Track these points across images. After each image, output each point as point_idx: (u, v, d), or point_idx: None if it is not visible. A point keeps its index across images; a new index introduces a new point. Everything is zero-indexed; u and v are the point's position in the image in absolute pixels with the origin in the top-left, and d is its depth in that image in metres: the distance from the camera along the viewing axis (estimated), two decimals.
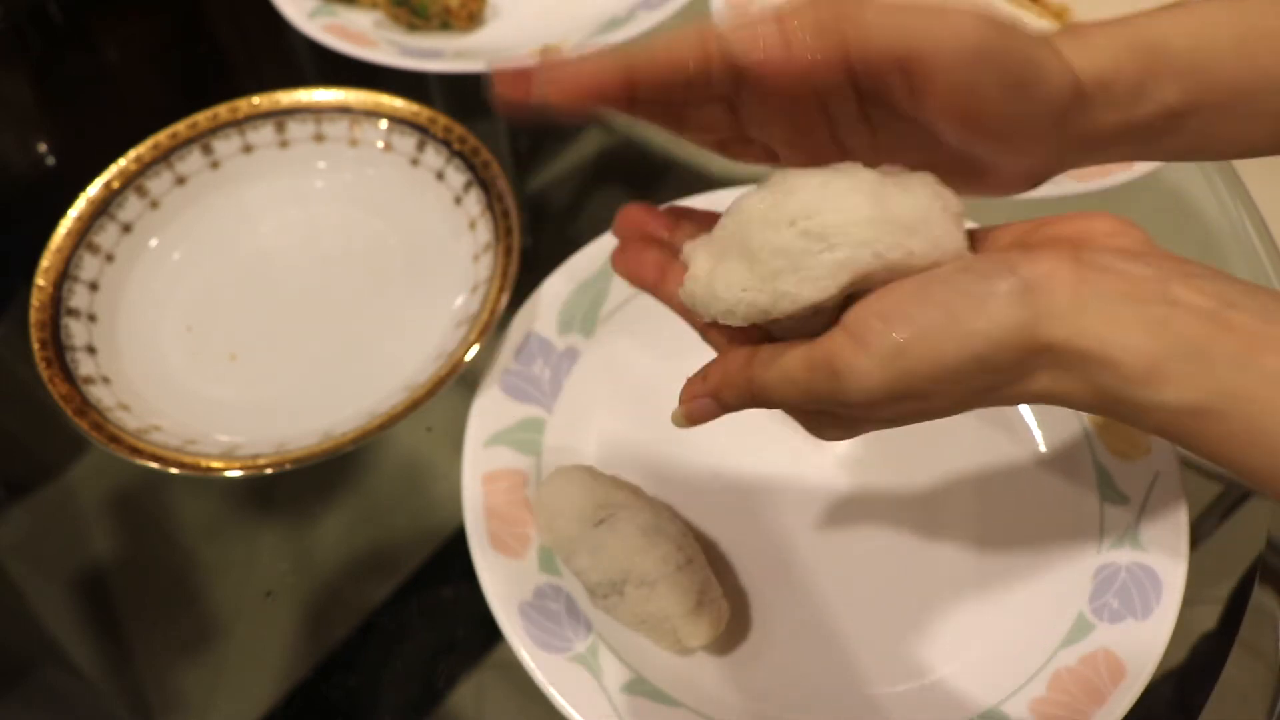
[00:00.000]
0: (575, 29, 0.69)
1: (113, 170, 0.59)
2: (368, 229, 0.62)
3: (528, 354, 0.54)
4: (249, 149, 0.62)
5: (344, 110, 0.62)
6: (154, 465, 0.49)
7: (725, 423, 0.54)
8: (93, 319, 0.56)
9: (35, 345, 0.53)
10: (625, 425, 0.54)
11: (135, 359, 0.56)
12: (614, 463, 0.52)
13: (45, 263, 0.56)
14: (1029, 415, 0.53)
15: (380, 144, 0.62)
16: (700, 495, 0.51)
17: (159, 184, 0.60)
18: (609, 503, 0.46)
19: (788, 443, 0.53)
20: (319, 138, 0.63)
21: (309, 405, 0.54)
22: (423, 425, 0.56)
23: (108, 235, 0.58)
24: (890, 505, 0.51)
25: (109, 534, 0.55)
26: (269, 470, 0.48)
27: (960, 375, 0.29)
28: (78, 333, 0.55)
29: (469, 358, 0.51)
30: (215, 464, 0.49)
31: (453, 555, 0.50)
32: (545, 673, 0.44)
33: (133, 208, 0.59)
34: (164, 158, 0.60)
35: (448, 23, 0.71)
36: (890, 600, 0.48)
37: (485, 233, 0.57)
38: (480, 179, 0.59)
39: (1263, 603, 0.49)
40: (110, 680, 0.52)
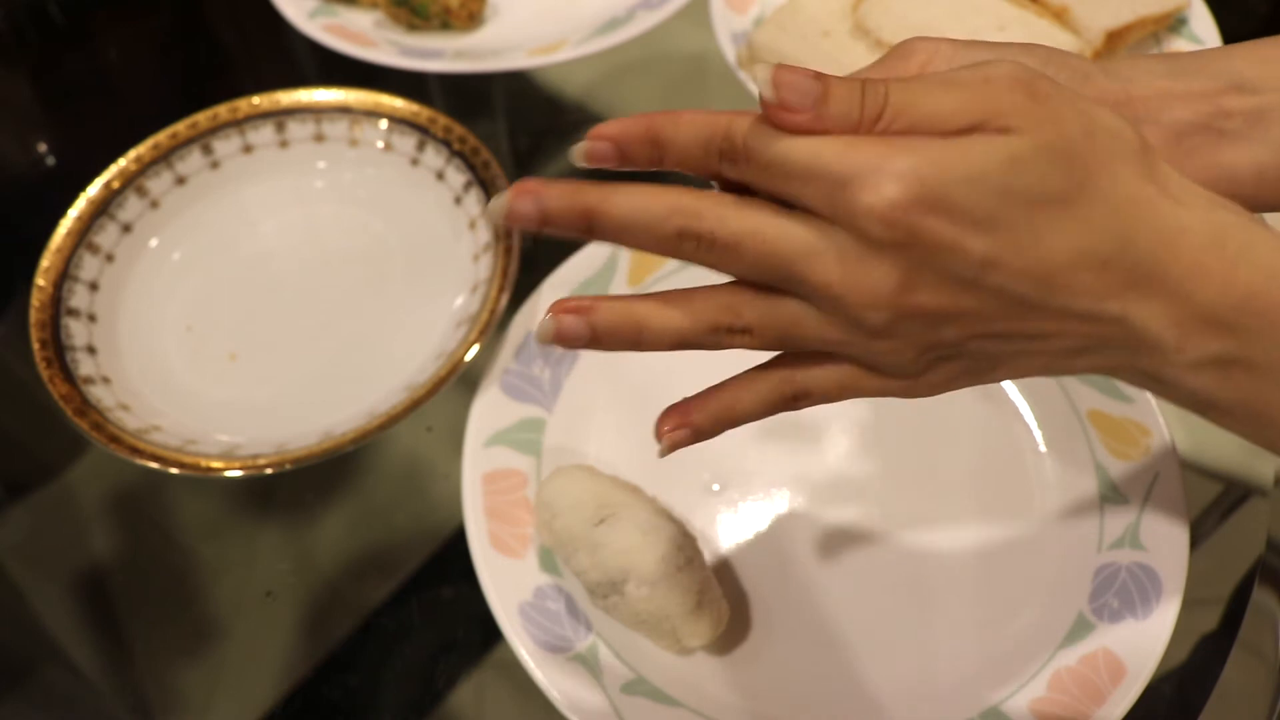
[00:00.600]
0: (575, 29, 0.69)
1: (113, 170, 0.59)
2: (368, 229, 0.62)
3: (528, 354, 0.54)
4: (249, 149, 0.62)
5: (344, 110, 0.62)
6: (154, 465, 0.49)
7: None
8: (93, 319, 0.56)
9: (35, 345, 0.53)
10: (625, 425, 0.54)
11: (135, 359, 0.56)
12: (614, 463, 0.52)
13: (45, 263, 0.56)
14: (1029, 415, 0.53)
15: (380, 144, 0.62)
16: (700, 495, 0.51)
17: (159, 184, 0.60)
18: (609, 502, 0.46)
19: (788, 442, 0.53)
20: (319, 138, 0.63)
21: (309, 405, 0.54)
22: (423, 425, 0.56)
23: (108, 235, 0.58)
24: (890, 505, 0.51)
25: (109, 534, 0.55)
26: (269, 470, 0.48)
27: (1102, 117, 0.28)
28: (78, 333, 0.55)
29: (469, 358, 0.51)
30: (215, 464, 0.49)
31: (453, 555, 0.50)
32: (545, 673, 0.44)
33: (133, 208, 0.59)
34: (164, 158, 0.60)
35: (448, 23, 0.71)
36: (890, 600, 0.48)
37: (485, 233, 0.58)
38: (480, 179, 0.59)
39: (1263, 603, 0.49)
40: (110, 680, 0.52)
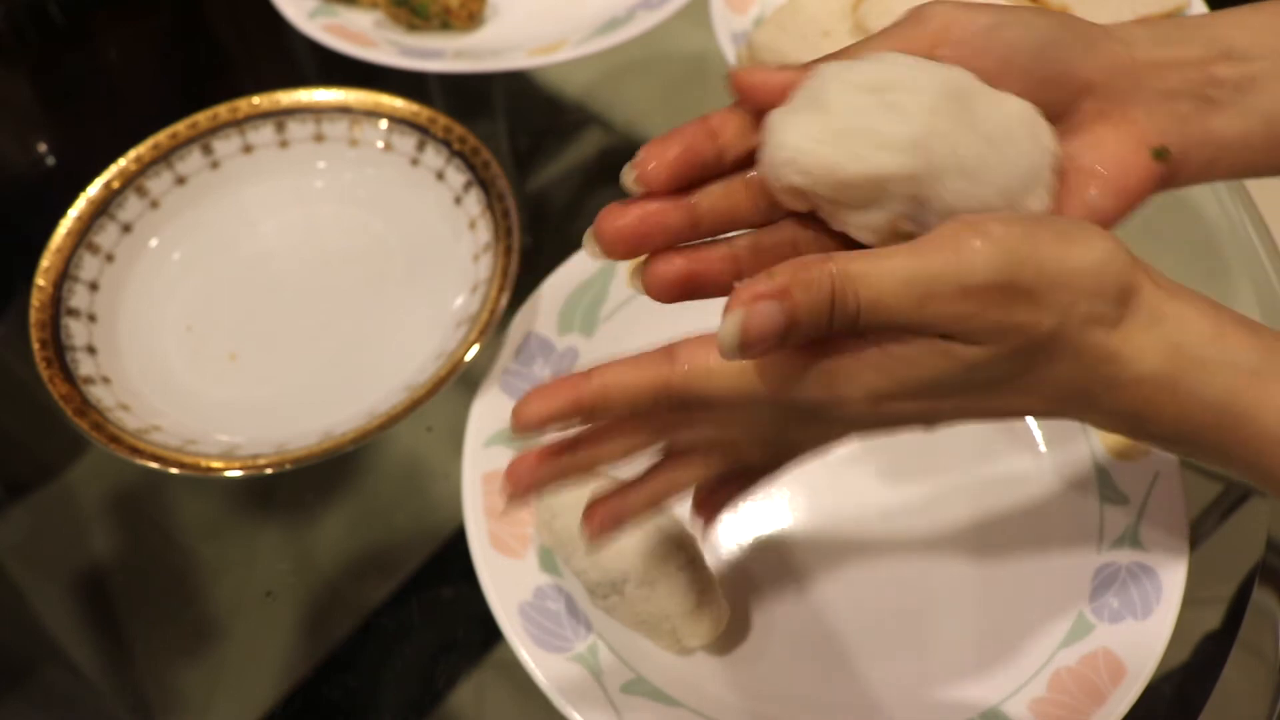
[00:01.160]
0: (575, 29, 0.69)
1: (113, 170, 0.59)
2: (368, 229, 0.62)
3: (528, 354, 0.54)
4: (249, 149, 0.62)
5: (344, 110, 0.62)
6: (154, 465, 0.49)
7: None
8: (93, 319, 0.56)
9: (35, 345, 0.53)
10: None
11: (135, 359, 0.56)
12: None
13: (45, 263, 0.56)
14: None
15: (380, 144, 0.62)
16: None
17: (159, 184, 0.60)
18: None
19: None
20: (319, 138, 0.63)
21: (309, 405, 0.54)
22: (423, 425, 0.56)
23: (108, 235, 0.58)
24: (890, 505, 0.51)
25: (109, 534, 0.55)
26: (269, 470, 0.48)
27: (1078, 279, 0.28)
28: (78, 333, 0.55)
29: (469, 358, 0.51)
30: (215, 464, 0.49)
31: (453, 555, 0.50)
32: (545, 673, 0.44)
33: (133, 208, 0.59)
34: (164, 158, 0.60)
35: (448, 23, 0.71)
36: (890, 600, 0.48)
37: (485, 233, 0.57)
38: (480, 179, 0.59)
39: (1263, 603, 0.49)
40: (110, 680, 0.52)
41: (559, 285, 0.56)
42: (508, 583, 0.47)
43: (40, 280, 0.55)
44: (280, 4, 0.70)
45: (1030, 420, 0.53)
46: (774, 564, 0.49)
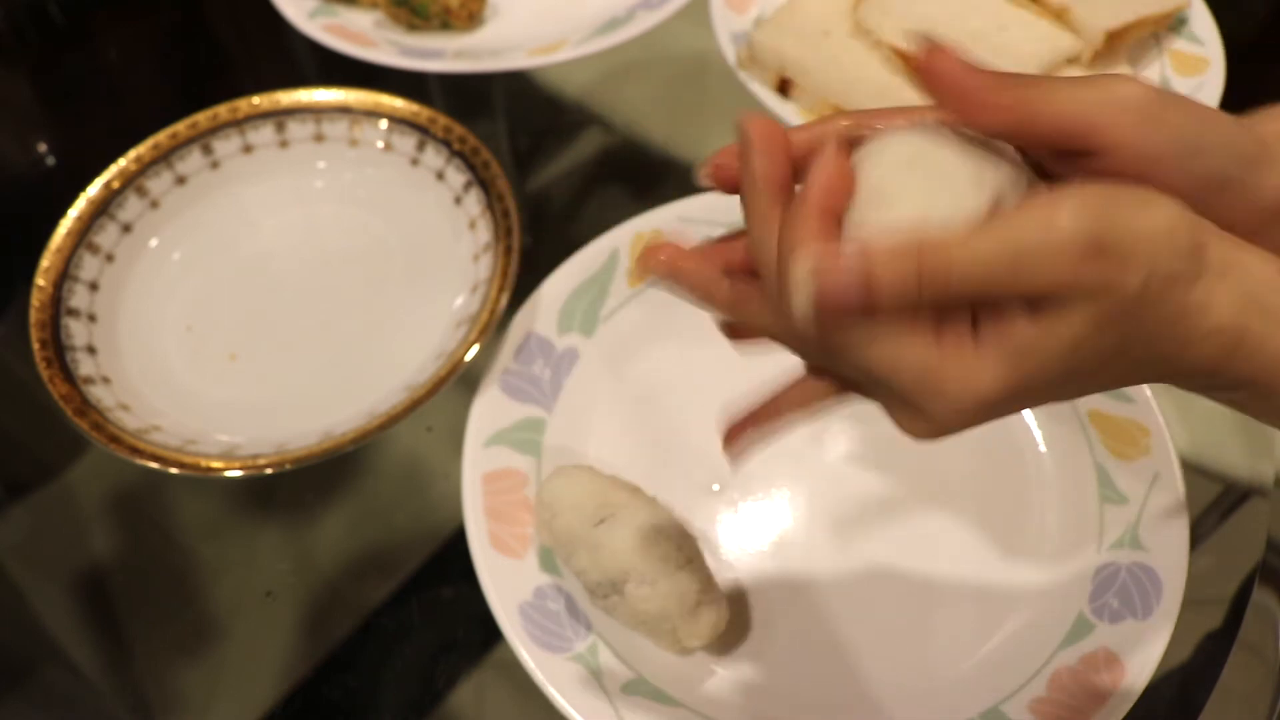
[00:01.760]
0: (575, 29, 0.69)
1: (113, 170, 0.59)
2: (368, 229, 0.62)
3: (528, 354, 0.54)
4: (249, 149, 0.62)
5: (344, 110, 0.62)
6: (154, 465, 0.49)
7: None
8: (93, 319, 0.56)
9: (35, 345, 0.53)
10: (625, 425, 0.54)
11: (135, 359, 0.56)
12: (614, 463, 0.52)
13: (45, 263, 0.56)
14: (1029, 415, 0.53)
15: (380, 144, 0.62)
16: (700, 495, 0.51)
17: (159, 184, 0.60)
18: (609, 502, 0.46)
19: (788, 443, 0.53)
20: (319, 138, 0.63)
21: (309, 405, 0.54)
22: (423, 425, 0.56)
23: (108, 235, 0.58)
24: (890, 505, 0.51)
25: (109, 534, 0.55)
26: (269, 470, 0.48)
27: (1158, 237, 0.28)
28: (78, 333, 0.55)
29: (469, 358, 0.51)
30: (215, 464, 0.49)
31: (453, 555, 0.50)
32: (545, 673, 0.44)
33: (133, 208, 0.59)
34: (164, 158, 0.60)
35: (448, 23, 0.71)
36: (890, 600, 0.48)
37: (485, 233, 0.57)
38: (480, 179, 0.59)
39: (1263, 603, 0.49)
40: (110, 680, 0.52)
41: (559, 285, 0.56)
42: (508, 583, 0.47)
43: (40, 280, 0.55)
44: (280, 4, 0.70)
45: (1030, 420, 0.53)
46: (774, 564, 0.49)
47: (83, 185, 0.58)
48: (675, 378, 0.56)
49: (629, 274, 0.57)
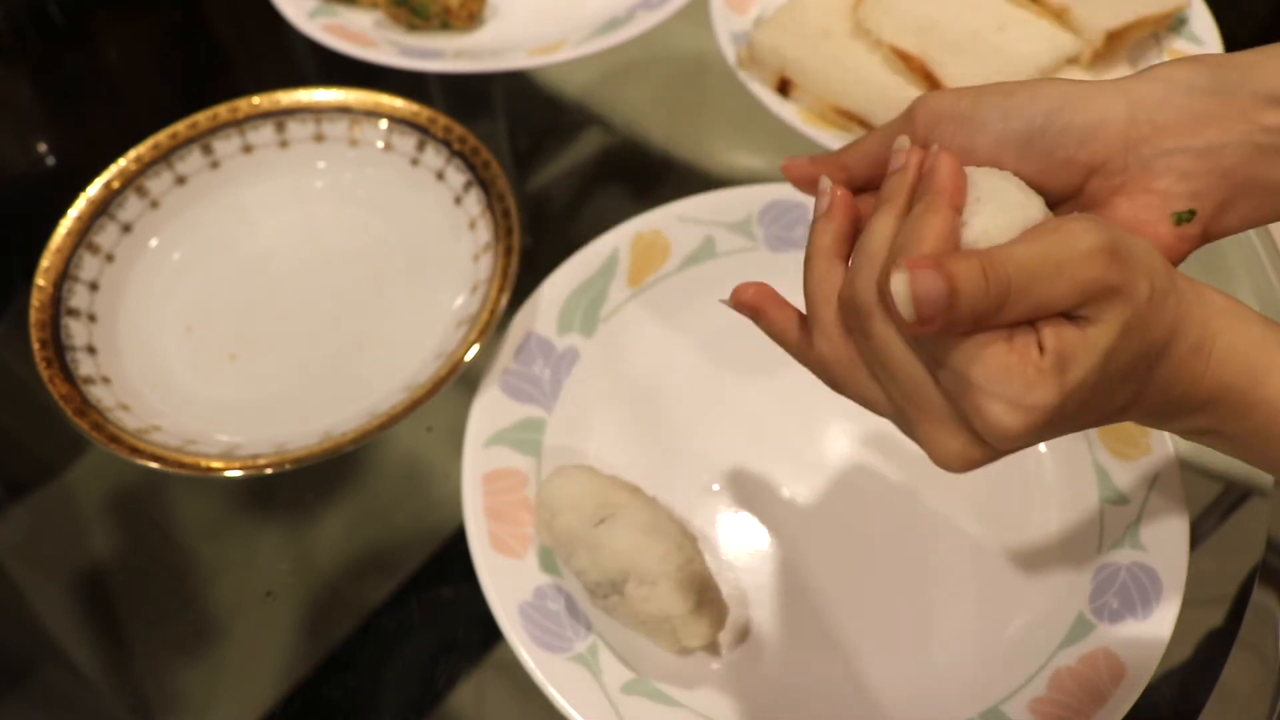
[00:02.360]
0: (575, 29, 0.69)
1: (113, 170, 0.59)
2: (368, 229, 0.62)
3: (528, 354, 0.54)
4: (249, 149, 0.62)
5: (344, 110, 0.62)
6: (154, 465, 0.49)
7: (726, 422, 0.54)
8: (93, 319, 0.56)
9: (35, 345, 0.53)
10: (625, 425, 0.54)
11: (135, 359, 0.56)
12: (614, 463, 0.52)
13: (45, 263, 0.56)
14: None
15: (380, 144, 0.62)
16: (700, 495, 0.51)
17: (159, 184, 0.60)
18: (609, 502, 0.46)
19: (788, 443, 0.53)
20: (319, 138, 0.63)
21: (309, 405, 0.54)
22: (423, 425, 0.56)
23: (108, 235, 0.58)
24: (890, 505, 0.51)
25: (109, 534, 0.55)
26: (269, 470, 0.48)
27: (1146, 256, 0.31)
28: (78, 333, 0.55)
29: (469, 358, 0.51)
30: (215, 464, 0.49)
31: (453, 555, 0.50)
32: (545, 673, 0.44)
33: (133, 208, 0.59)
34: (164, 158, 0.60)
35: (448, 23, 0.71)
36: (890, 600, 0.48)
37: (485, 233, 0.57)
38: (480, 179, 0.59)
39: (1263, 603, 0.49)
40: (110, 680, 0.52)
41: (559, 285, 0.56)
42: (508, 583, 0.47)
43: (40, 280, 0.55)
44: (280, 4, 0.70)
45: None
46: (774, 564, 0.49)
47: (83, 185, 0.58)
48: (675, 378, 0.56)
49: (629, 274, 0.57)
